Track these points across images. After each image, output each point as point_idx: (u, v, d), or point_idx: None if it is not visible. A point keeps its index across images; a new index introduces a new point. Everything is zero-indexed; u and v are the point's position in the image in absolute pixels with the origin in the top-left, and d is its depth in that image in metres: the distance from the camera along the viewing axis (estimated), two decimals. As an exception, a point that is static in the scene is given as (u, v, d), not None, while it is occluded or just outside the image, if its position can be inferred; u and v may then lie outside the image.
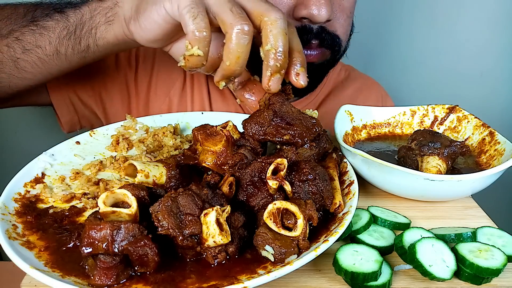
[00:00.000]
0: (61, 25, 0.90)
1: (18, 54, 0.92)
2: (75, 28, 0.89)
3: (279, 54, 0.72)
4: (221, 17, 0.71)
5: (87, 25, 0.89)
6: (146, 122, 1.04)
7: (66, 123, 1.21)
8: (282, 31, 0.72)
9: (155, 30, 0.79)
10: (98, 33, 0.89)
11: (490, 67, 1.98)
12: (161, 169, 0.74)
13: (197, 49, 0.70)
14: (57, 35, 0.90)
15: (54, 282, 0.55)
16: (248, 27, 0.70)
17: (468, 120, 0.99)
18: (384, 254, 0.70)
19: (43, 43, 0.91)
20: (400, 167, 0.77)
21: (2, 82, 0.97)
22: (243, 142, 0.80)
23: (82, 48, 0.92)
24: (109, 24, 0.87)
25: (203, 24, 0.70)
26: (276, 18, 0.71)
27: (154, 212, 0.61)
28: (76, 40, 0.90)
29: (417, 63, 1.99)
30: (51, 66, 0.95)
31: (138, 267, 0.60)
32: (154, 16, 0.77)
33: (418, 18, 1.90)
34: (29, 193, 0.78)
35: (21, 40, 0.92)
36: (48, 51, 0.92)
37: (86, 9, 0.89)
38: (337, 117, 0.95)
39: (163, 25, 0.78)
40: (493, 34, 1.91)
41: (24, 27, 0.92)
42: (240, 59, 0.72)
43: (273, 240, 0.63)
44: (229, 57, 0.72)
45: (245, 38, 0.70)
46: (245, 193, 0.72)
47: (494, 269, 0.63)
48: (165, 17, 0.76)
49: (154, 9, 0.76)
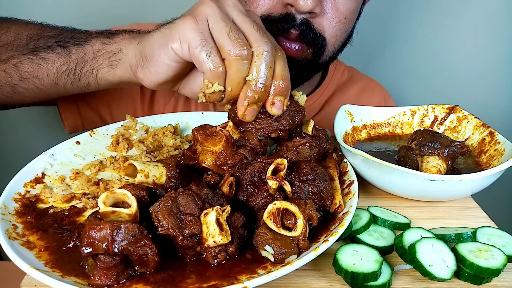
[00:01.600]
0: (62, 60, 0.90)
1: (15, 81, 0.93)
2: (75, 65, 0.90)
3: (259, 86, 0.72)
4: (220, 43, 0.71)
5: (89, 64, 0.89)
6: (146, 122, 1.04)
7: (69, 125, 1.21)
8: (268, 65, 0.71)
9: (166, 73, 0.78)
10: (99, 74, 0.89)
11: (490, 67, 1.98)
12: (161, 169, 0.74)
13: (218, 85, 0.72)
14: (56, 69, 0.90)
15: (54, 282, 0.55)
16: (247, 52, 0.70)
17: (468, 120, 0.99)
18: (384, 254, 0.70)
19: (40, 74, 0.91)
20: (400, 167, 0.77)
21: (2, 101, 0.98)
22: (243, 142, 0.80)
23: (82, 85, 0.92)
24: (112, 67, 0.87)
25: (218, 59, 0.70)
26: (263, 51, 0.71)
27: (154, 212, 0.61)
28: (75, 77, 0.91)
29: (417, 63, 1.99)
30: (49, 94, 0.96)
31: (138, 267, 0.60)
32: (163, 59, 0.76)
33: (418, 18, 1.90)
34: (29, 193, 0.78)
35: (18, 68, 0.92)
36: (45, 82, 0.92)
37: (89, 49, 0.89)
38: (337, 117, 0.95)
39: (173, 66, 0.77)
40: (493, 34, 1.91)
41: (24, 55, 0.92)
42: (241, 84, 0.73)
43: (273, 240, 0.63)
44: (231, 84, 0.72)
45: (244, 63, 0.70)
46: (245, 193, 0.72)
47: (494, 269, 0.63)
48: (175, 58, 0.75)
49: (162, 52, 0.75)
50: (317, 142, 0.81)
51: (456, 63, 1.98)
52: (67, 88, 0.94)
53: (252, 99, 0.73)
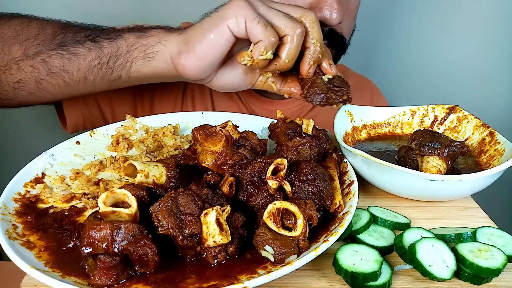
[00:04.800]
0: (94, 54, 0.91)
1: (42, 75, 0.93)
2: (108, 59, 0.91)
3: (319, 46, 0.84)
4: (277, 22, 0.80)
5: (123, 58, 0.91)
6: (146, 122, 1.04)
7: (71, 124, 1.21)
8: (320, 28, 0.84)
9: (214, 54, 0.84)
10: (133, 67, 0.91)
11: (490, 67, 1.98)
12: (161, 169, 0.74)
13: (270, 53, 0.81)
14: (87, 63, 0.91)
15: (54, 282, 0.55)
16: (302, 29, 0.81)
17: (468, 120, 0.99)
18: (384, 254, 0.70)
19: (71, 69, 0.92)
20: (400, 167, 0.77)
21: (21, 98, 0.98)
22: (242, 142, 0.80)
23: (113, 78, 0.93)
24: (147, 60, 0.90)
25: (273, 32, 0.80)
26: (315, 18, 0.84)
27: (154, 212, 0.61)
28: (107, 71, 0.92)
29: (417, 63, 1.99)
30: (75, 90, 0.97)
31: (138, 267, 0.60)
32: (215, 38, 0.82)
33: (418, 18, 1.90)
34: (29, 193, 0.78)
35: (47, 62, 0.92)
36: (75, 77, 0.93)
37: (122, 43, 0.91)
38: (337, 117, 0.95)
39: (223, 46, 0.83)
40: (493, 34, 1.91)
41: (52, 50, 0.92)
42: (295, 57, 0.83)
43: (273, 240, 0.63)
44: (289, 56, 0.82)
45: (300, 39, 0.81)
46: (245, 193, 0.72)
47: (494, 269, 0.63)
48: (228, 37, 0.82)
49: (216, 32, 0.82)
50: (317, 142, 0.81)
51: (456, 63, 1.98)
52: (95, 83, 0.94)
53: (317, 58, 0.85)
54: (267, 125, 0.91)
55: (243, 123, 0.94)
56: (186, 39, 0.86)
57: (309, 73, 0.86)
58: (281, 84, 0.95)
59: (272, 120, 1.02)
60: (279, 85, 0.95)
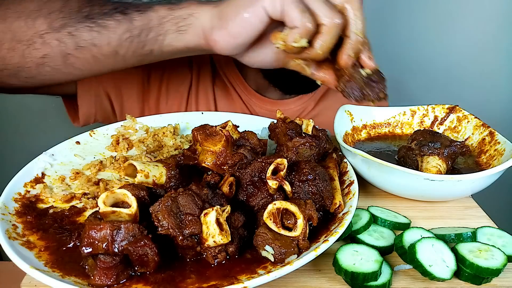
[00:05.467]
0: (124, 27, 0.86)
1: (69, 50, 0.88)
2: (140, 32, 0.87)
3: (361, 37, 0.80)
4: (316, 8, 0.76)
5: (154, 31, 0.87)
6: (146, 122, 1.04)
7: (83, 115, 1.19)
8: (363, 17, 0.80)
9: (247, 33, 0.81)
10: (166, 41, 0.87)
11: (490, 67, 1.98)
12: (161, 169, 0.74)
13: (305, 41, 0.76)
14: (118, 36, 0.87)
15: (54, 282, 0.55)
16: (340, 20, 0.77)
17: (468, 120, 0.99)
18: (384, 254, 0.70)
19: (100, 42, 0.87)
20: (400, 167, 0.77)
21: (44, 75, 0.92)
22: (242, 142, 0.80)
23: (145, 52, 0.89)
24: (180, 33, 0.86)
25: (310, 18, 0.75)
26: (359, 6, 0.79)
27: (154, 212, 0.61)
28: (139, 44, 0.88)
29: (417, 63, 1.99)
30: (104, 65, 0.92)
31: (138, 267, 0.60)
32: (250, 17, 0.78)
33: (418, 18, 1.90)
34: (29, 193, 0.78)
35: (75, 35, 0.87)
36: (104, 51, 0.88)
37: (153, 15, 0.86)
38: (337, 117, 0.95)
39: (257, 26, 0.80)
40: (493, 34, 1.91)
41: (79, 23, 0.87)
42: (330, 49, 0.79)
43: (273, 240, 0.63)
44: (323, 47, 0.78)
45: (337, 30, 0.77)
46: (245, 193, 0.72)
47: (494, 269, 0.63)
48: (262, 18, 0.78)
49: (251, 11, 0.78)
50: (317, 142, 0.81)
51: (456, 63, 1.98)
52: (126, 58, 0.90)
53: (357, 49, 0.81)
54: (267, 125, 0.91)
55: (243, 123, 0.94)
56: (220, 14, 0.82)
57: (347, 64, 0.82)
58: (315, 68, 0.90)
59: (272, 120, 1.02)
60: (313, 69, 0.90)
